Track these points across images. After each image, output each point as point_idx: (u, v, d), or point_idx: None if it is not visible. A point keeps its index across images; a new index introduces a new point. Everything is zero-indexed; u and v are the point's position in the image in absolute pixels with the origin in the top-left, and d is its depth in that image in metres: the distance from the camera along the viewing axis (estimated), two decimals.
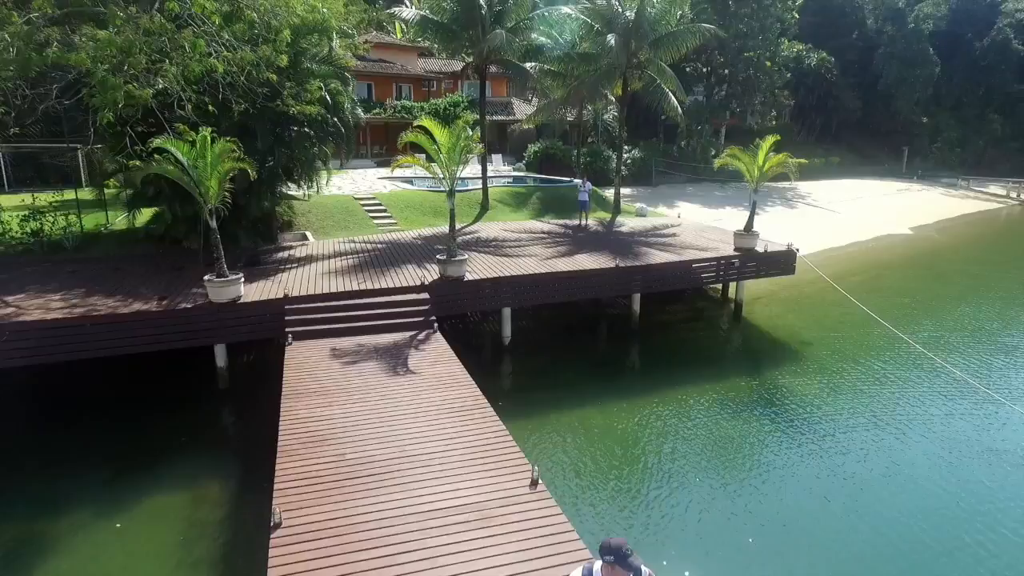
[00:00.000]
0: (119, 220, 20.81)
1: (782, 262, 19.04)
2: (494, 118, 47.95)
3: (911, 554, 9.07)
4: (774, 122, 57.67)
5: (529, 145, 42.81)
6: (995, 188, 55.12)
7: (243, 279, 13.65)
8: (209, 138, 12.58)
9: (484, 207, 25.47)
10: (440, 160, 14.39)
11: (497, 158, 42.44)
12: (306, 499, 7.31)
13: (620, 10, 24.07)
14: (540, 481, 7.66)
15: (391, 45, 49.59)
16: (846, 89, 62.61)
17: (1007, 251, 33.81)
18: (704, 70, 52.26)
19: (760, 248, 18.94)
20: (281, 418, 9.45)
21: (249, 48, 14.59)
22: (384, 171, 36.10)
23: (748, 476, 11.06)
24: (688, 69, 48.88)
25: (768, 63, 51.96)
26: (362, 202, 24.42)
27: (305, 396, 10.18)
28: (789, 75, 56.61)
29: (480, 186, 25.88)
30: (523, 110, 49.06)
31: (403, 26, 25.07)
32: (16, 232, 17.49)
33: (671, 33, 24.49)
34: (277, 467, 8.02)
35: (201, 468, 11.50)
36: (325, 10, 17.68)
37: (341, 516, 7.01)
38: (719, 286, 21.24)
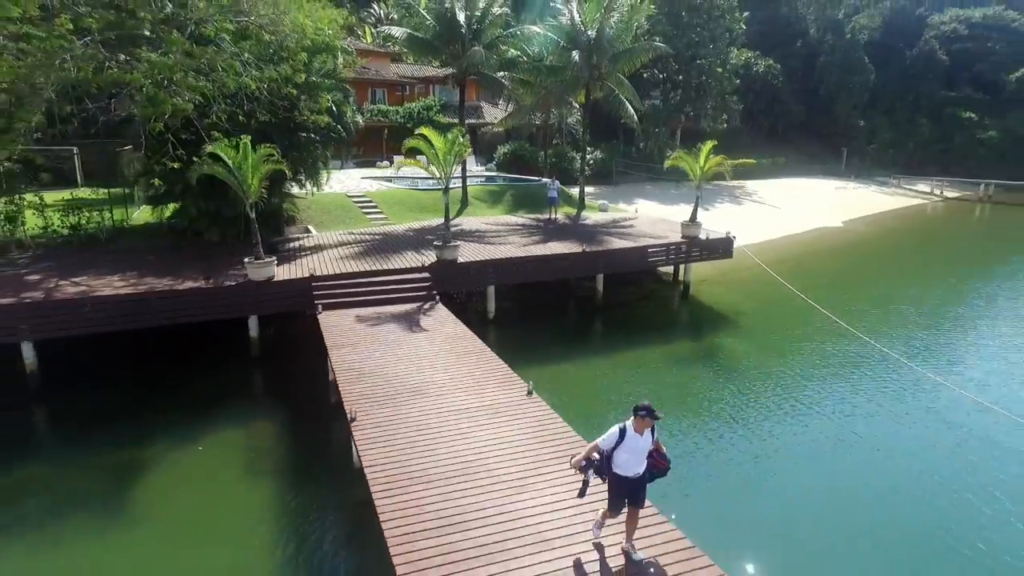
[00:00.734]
0: (135, 215, 23.10)
1: (721, 248, 22.57)
2: (466, 121, 50.75)
3: (806, 462, 12.48)
4: (725, 125, 61.82)
5: (499, 147, 45.78)
6: (922, 186, 60.45)
7: (276, 261, 16.38)
8: (250, 144, 15.29)
9: (464, 203, 28.42)
10: (437, 162, 17.34)
11: (469, 159, 45.32)
12: (368, 405, 10.25)
13: (583, 29, 27.30)
14: (534, 392, 10.76)
15: (365, 51, 51.89)
16: (791, 94, 67.32)
17: (922, 240, 38.36)
18: (660, 76, 56.05)
19: (703, 236, 22.40)
20: (333, 361, 12.36)
21: (272, 67, 17.32)
22: (365, 171, 38.69)
23: (689, 410, 14.35)
24: (645, 75, 52.59)
25: (719, 70, 56.05)
26: (354, 199, 27.13)
27: (346, 347, 13.07)
28: (738, 81, 60.81)
29: (459, 185, 28.83)
30: (492, 113, 52.01)
31: (391, 40, 27.49)
32: (56, 226, 19.75)
33: (627, 49, 27.87)
34: (343, 389, 10.95)
35: (250, 412, 14.34)
36: (329, 32, 20.48)
37: (392, 416, 9.98)
38: (670, 270, 24.67)
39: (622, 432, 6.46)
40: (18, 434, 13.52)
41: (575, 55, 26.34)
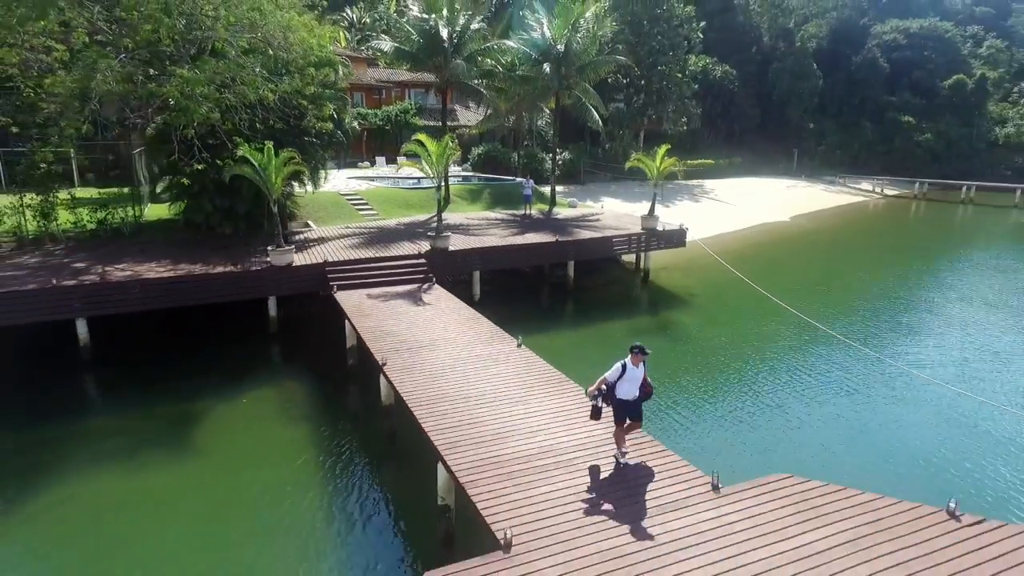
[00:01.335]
0: (146, 211, 25.32)
1: (675, 238, 25.87)
2: (439, 123, 53.39)
3: (740, 399, 15.68)
4: (685, 127, 65.64)
5: (473, 148, 48.55)
6: (865, 185, 65.23)
7: (294, 249, 19.00)
8: (273, 149, 17.90)
9: (446, 200, 31.17)
10: (431, 162, 20.15)
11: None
12: (392, 354, 13.04)
13: (553, 43, 30.34)
14: (523, 345, 13.70)
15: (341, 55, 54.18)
16: (746, 98, 71.56)
17: (858, 234, 42.49)
18: (624, 81, 59.52)
19: (659, 228, 25.64)
20: (357, 327, 15.13)
21: (286, 80, 19.93)
22: (349, 172, 41.08)
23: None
24: (610, 80, 55.92)
25: (678, 75, 59.80)
26: (347, 197, 29.71)
27: (364, 316, 15.84)
28: (697, 86, 64.72)
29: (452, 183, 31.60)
30: (465, 116, 54.73)
31: (380, 53, 30.06)
32: (85, 221, 21.94)
33: (592, 62, 31.03)
34: (370, 344, 13.73)
35: (279, 374, 17.07)
36: (330, 47, 23.10)
37: (413, 361, 12.80)
38: (633, 259, 27.85)
39: (623, 367, 8.85)
40: (83, 395, 15.99)
41: (546, 67, 29.38)
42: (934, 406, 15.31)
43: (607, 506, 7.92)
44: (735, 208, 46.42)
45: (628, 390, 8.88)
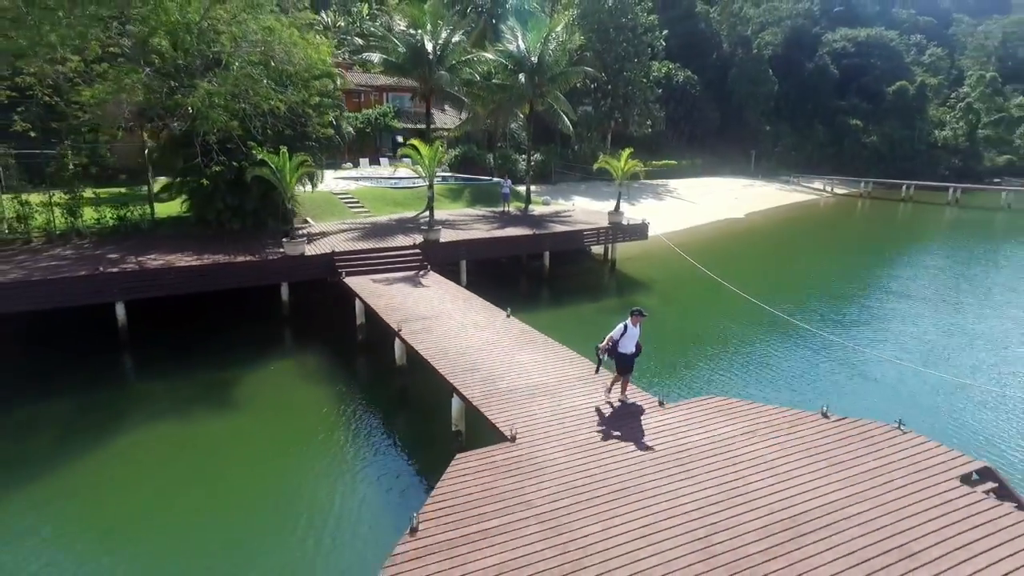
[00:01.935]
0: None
1: (638, 231, 29.09)
2: (417, 126, 55.94)
3: (691, 357, 18.83)
4: (650, 129, 69.27)
5: (451, 149, 51.25)
6: (817, 184, 69.79)
7: (306, 240, 21.60)
8: (287, 153, 20.49)
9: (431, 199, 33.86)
10: (423, 164, 22.91)
11: (408, 160, 50.59)
12: (404, 323, 15.82)
13: (527, 55, 33.30)
14: (512, 316, 16.62)
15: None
16: (707, 102, 75.61)
17: (806, 228, 46.42)
18: (592, 86, 62.85)
19: (624, 222, 28.81)
20: (370, 304, 17.86)
21: (295, 91, 22.51)
22: (331, 172, 43.36)
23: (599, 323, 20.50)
24: (578, 85, 59.12)
25: (643, 81, 63.38)
26: (339, 196, 32.24)
27: (373, 296, 18.57)
28: (660, 91, 68.43)
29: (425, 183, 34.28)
30: (441, 119, 57.33)
31: (371, 65, 32.64)
32: (108, 218, 24.13)
33: (563, 72, 34.06)
34: (384, 316, 16.49)
35: (298, 348, 19.73)
36: (328, 61, 25.69)
37: (423, 328, 15.59)
38: (601, 250, 30.96)
39: (625, 327, 11.40)
40: (128, 367, 18.42)
41: (521, 77, 32.33)
42: (832, 356, 18.68)
43: (586, 416, 10.88)
44: (695, 206, 50.05)
45: (627, 345, 11.40)
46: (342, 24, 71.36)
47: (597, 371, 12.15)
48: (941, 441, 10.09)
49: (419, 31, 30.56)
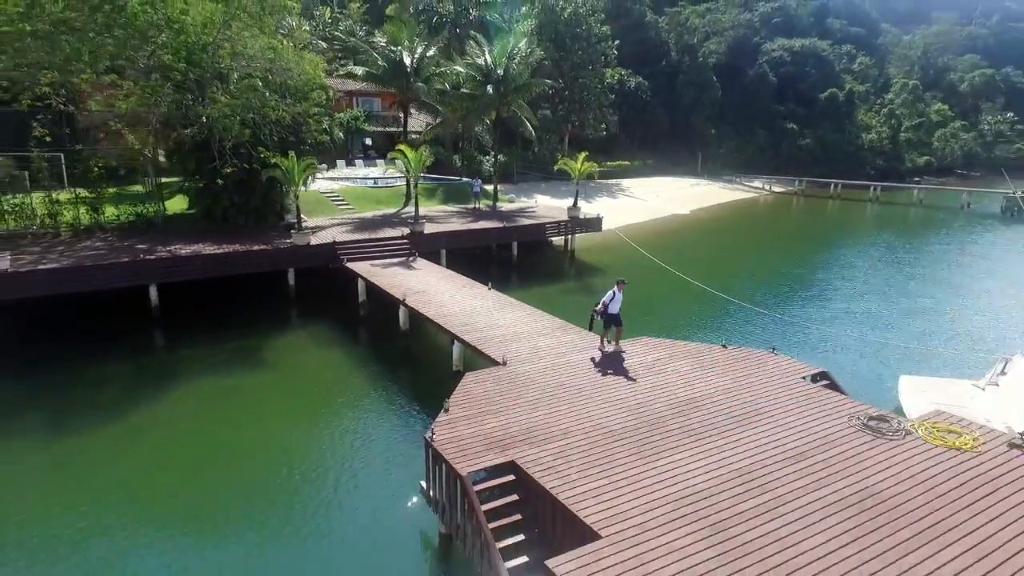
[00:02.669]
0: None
1: (594, 224, 33.46)
2: (386, 129, 59.32)
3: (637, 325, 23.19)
4: (604, 132, 74.05)
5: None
6: (757, 183, 75.79)
7: (311, 232, 25.14)
8: (295, 156, 24.02)
9: (408, 197, 37.57)
10: (410, 166, 26.69)
11: (381, 162, 53.95)
12: (406, 295, 19.62)
13: (494, 68, 37.33)
14: (492, 288, 20.61)
15: None
16: (657, 107, 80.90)
17: (744, 222, 51.71)
18: (550, 92, 67.23)
19: (581, 216, 33.11)
20: (375, 282, 21.58)
21: (297, 103, 26.02)
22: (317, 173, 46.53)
23: (572, 314, 24.72)
24: (537, 91, 63.54)
25: (597, 87, 68.09)
26: (325, 195, 35.64)
27: (376, 276, 22.29)
28: (613, 96, 73.28)
29: (402, 183, 37.98)
30: (410, 123, 60.80)
31: (354, 77, 36.12)
32: (128, 214, 27.10)
33: (525, 83, 38.23)
34: (389, 290, 20.26)
35: (309, 323, 23.28)
36: (322, 75, 29.21)
37: (422, 300, 19.43)
38: (562, 241, 35.20)
39: (614, 293, 15.12)
40: (164, 339, 21.71)
41: (489, 88, 36.33)
42: (751, 319, 23.28)
43: (553, 350, 14.95)
44: (646, 203, 54.89)
45: (614, 307, 15.16)
46: (307, 29, 74.02)
47: (590, 328, 15.94)
48: (807, 363, 14.55)
49: (399, 47, 34.25)
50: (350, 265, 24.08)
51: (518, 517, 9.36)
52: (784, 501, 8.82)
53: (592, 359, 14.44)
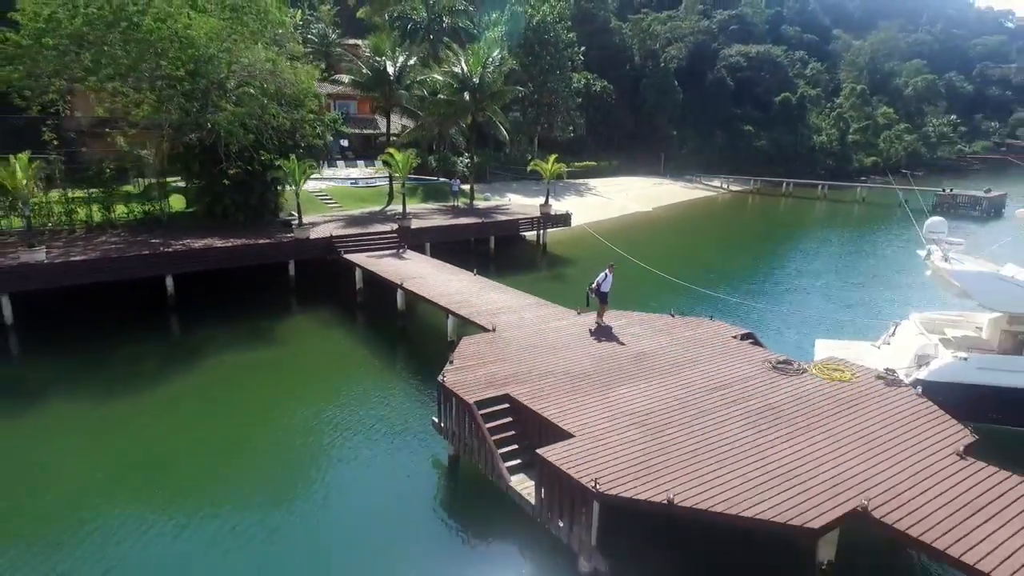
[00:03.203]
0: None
1: (563, 219, 36.78)
2: (363, 131, 61.74)
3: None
4: (572, 134, 77.43)
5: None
6: (716, 182, 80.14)
7: (311, 227, 27.86)
8: (296, 159, 26.73)
9: (391, 196, 40.40)
10: (398, 168, 29.57)
11: (361, 163, 56.38)
12: (403, 280, 22.57)
13: (470, 76, 40.32)
14: (478, 274, 23.69)
15: None
16: (622, 109, 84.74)
17: (702, 218, 55.69)
18: (520, 95, 70.40)
19: (552, 212, 36.39)
20: (374, 270, 24.45)
21: (297, 111, 28.69)
22: None
23: (547, 295, 27.92)
24: (510, 97, 66.65)
25: (565, 90, 71.50)
26: (314, 194, 38.20)
27: (372, 265, 25.15)
28: (580, 99, 76.76)
29: (383, 183, 40.77)
30: (384, 125, 63.27)
31: (340, 84, 38.76)
32: (137, 212, 29.38)
33: (499, 91, 41.33)
34: (386, 276, 23.18)
35: (312, 306, 26.07)
36: (315, 85, 31.88)
37: (418, 283, 22.39)
38: (534, 235, 38.40)
39: (605, 275, 18.21)
40: (182, 324, 24.24)
41: (465, 95, 39.33)
42: (701, 298, 26.76)
43: (535, 319, 18.08)
44: (611, 201, 58.44)
45: (605, 286, 18.13)
46: (280, 32, 75.93)
47: (587, 304, 18.90)
48: (743, 327, 18.00)
49: (383, 57, 37.03)
50: (347, 256, 26.87)
51: (512, 433, 12.47)
52: (705, 413, 12.13)
53: (565, 324, 17.64)
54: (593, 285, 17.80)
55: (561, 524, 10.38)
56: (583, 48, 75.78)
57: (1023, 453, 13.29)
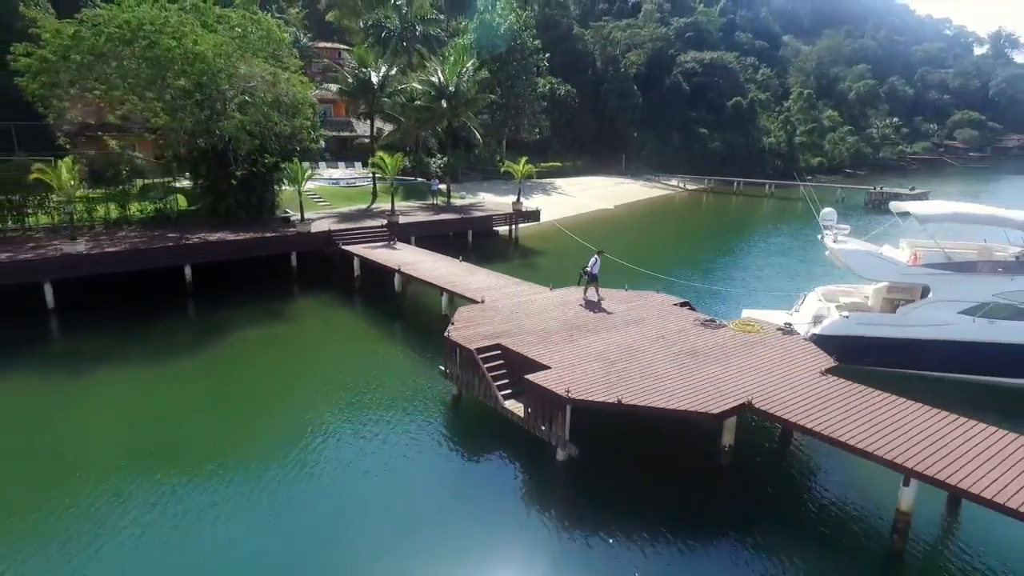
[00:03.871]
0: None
1: (533, 216, 40.95)
2: (339, 134, 64.83)
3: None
4: (538, 136, 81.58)
5: (370, 155, 60.71)
6: (674, 181, 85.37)
7: (312, 222, 31.36)
8: (299, 161, 30.22)
9: (375, 195, 43.93)
10: (387, 169, 33.24)
11: (341, 164, 59.59)
12: (400, 266, 26.33)
13: (446, 85, 44.12)
14: (463, 260, 27.59)
15: None
16: (585, 112, 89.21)
17: (659, 214, 60.52)
18: (490, 99, 74.29)
19: (523, 209, 40.47)
20: (373, 259, 28.13)
21: (297, 119, 32.15)
22: None
23: (521, 275, 31.96)
24: (483, 104, 70.39)
25: (531, 94, 75.64)
26: (306, 193, 41.45)
27: (369, 255, 28.81)
28: (545, 103, 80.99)
29: (366, 183, 44.27)
30: (360, 127, 66.43)
31: (330, 92, 42.15)
32: (150, 210, 32.36)
33: (473, 98, 45.25)
34: (385, 263, 26.93)
35: (315, 293, 29.60)
36: (311, 95, 35.32)
37: (414, 268, 26.16)
38: (507, 230, 42.40)
39: (595, 259, 22.31)
40: (201, 307, 27.54)
41: (443, 103, 43.14)
42: (656, 283, 31.14)
43: (516, 295, 22.08)
44: (576, 200, 62.83)
45: (595, 269, 22.26)
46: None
47: (580, 283, 22.71)
48: (686, 301, 22.29)
49: (367, 68, 40.58)
50: (345, 248, 30.48)
51: (503, 371, 16.46)
52: (646, 353, 16.35)
53: (542, 297, 21.70)
54: (586, 268, 21.58)
55: (543, 428, 14.42)
56: (547, 55, 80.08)
57: (879, 380, 17.86)
